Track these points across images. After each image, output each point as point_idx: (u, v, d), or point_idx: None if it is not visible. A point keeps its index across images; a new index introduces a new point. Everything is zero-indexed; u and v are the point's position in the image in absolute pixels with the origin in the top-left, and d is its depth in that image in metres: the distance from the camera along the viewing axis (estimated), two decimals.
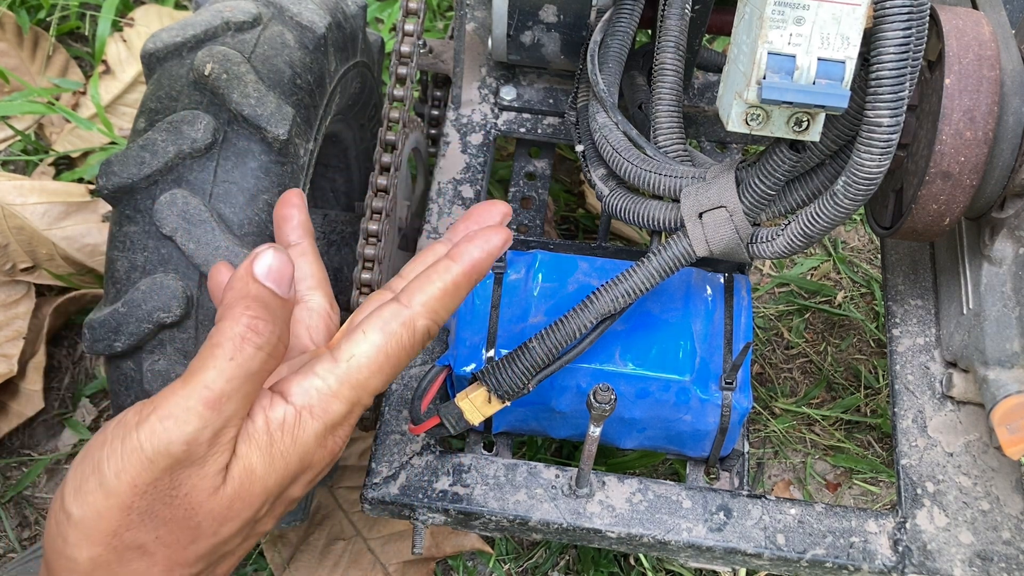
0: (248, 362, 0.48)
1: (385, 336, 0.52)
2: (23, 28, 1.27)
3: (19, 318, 1.05)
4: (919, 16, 0.57)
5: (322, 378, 0.52)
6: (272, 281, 0.50)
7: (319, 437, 0.51)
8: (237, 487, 0.49)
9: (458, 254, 0.54)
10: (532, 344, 0.71)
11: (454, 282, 0.54)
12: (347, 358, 0.52)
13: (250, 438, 0.50)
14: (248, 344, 0.48)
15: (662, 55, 0.75)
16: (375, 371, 0.52)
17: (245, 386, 0.49)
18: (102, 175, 0.67)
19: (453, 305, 0.55)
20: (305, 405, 0.51)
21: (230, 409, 0.48)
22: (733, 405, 0.74)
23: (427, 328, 0.54)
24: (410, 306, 0.53)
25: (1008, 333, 0.72)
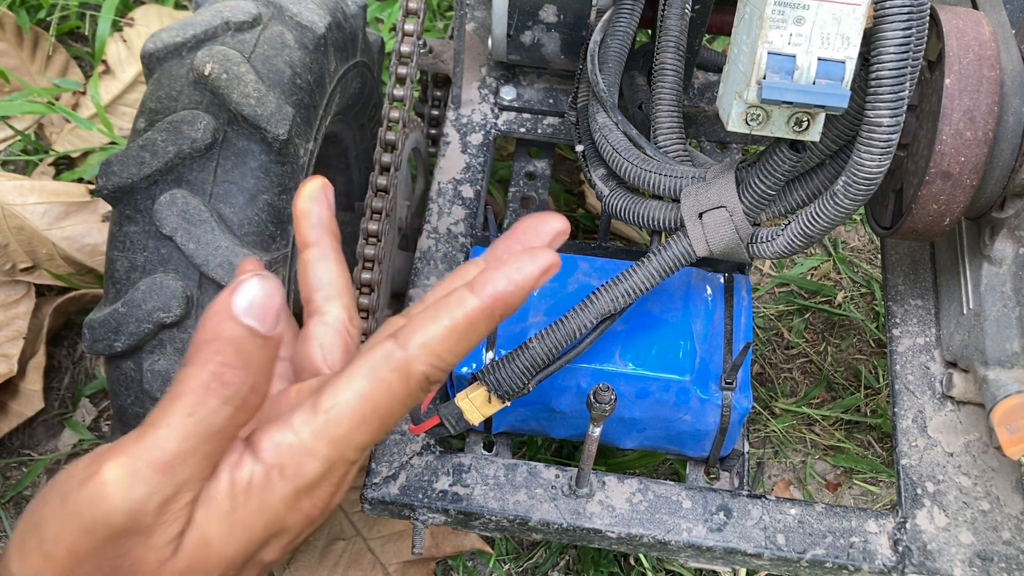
0: (210, 418, 0.41)
1: (372, 383, 0.44)
2: (23, 28, 1.27)
3: (19, 318, 1.05)
4: (919, 16, 0.57)
5: (296, 432, 0.44)
6: (254, 317, 0.41)
7: (288, 501, 0.44)
8: (189, 560, 0.43)
9: (479, 284, 0.44)
10: (532, 344, 0.71)
11: (467, 319, 0.44)
12: (327, 408, 0.44)
13: (209, 502, 0.43)
14: (212, 397, 0.41)
15: (662, 55, 0.75)
16: (358, 424, 0.44)
17: (204, 446, 0.42)
18: (102, 175, 0.67)
19: (463, 348, 0.45)
20: (275, 463, 0.43)
21: (185, 473, 0.41)
22: (733, 405, 0.74)
23: (425, 375, 0.45)
24: (406, 348, 0.44)
25: (1008, 333, 0.72)
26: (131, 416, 0.70)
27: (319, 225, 0.53)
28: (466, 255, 0.86)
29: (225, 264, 0.66)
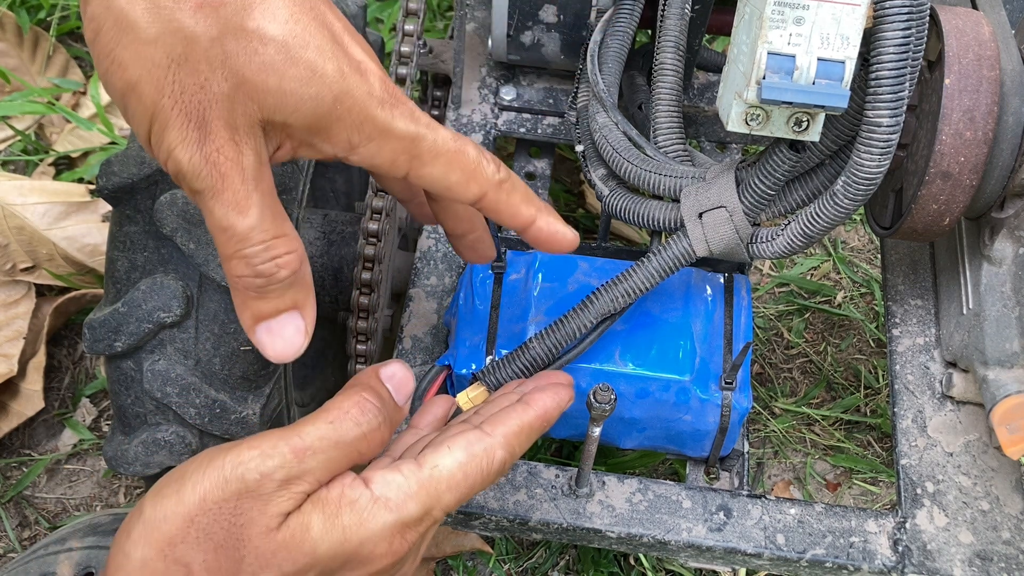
0: (344, 431, 0.51)
1: (468, 456, 0.54)
2: (23, 28, 1.27)
3: (19, 318, 1.05)
4: (919, 16, 0.57)
5: (405, 476, 0.52)
6: (392, 385, 0.55)
7: (387, 529, 0.51)
8: (288, 537, 0.49)
9: (532, 400, 0.58)
10: (532, 344, 0.71)
11: (529, 423, 0.57)
12: (431, 466, 0.53)
13: (320, 501, 0.50)
14: (349, 417, 0.52)
15: (662, 55, 0.75)
16: (452, 486, 0.53)
17: (333, 451, 0.51)
18: (102, 175, 0.67)
19: (527, 444, 0.57)
20: (382, 496, 0.51)
21: (311, 464, 0.50)
22: (733, 405, 0.74)
23: (503, 460, 0.55)
24: (492, 435, 0.55)
25: (1008, 333, 0.72)
26: (131, 416, 0.70)
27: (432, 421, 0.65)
28: None
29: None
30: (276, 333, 0.54)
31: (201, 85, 0.47)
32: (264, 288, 0.52)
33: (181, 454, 0.70)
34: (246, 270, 0.51)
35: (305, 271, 0.53)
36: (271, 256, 0.51)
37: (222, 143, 0.48)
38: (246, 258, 0.50)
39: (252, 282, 0.51)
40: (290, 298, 0.53)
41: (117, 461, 0.71)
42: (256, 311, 0.53)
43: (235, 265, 0.51)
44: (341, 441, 0.51)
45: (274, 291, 0.52)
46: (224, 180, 0.48)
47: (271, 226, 0.50)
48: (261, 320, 0.53)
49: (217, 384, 0.68)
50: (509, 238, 0.87)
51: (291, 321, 0.54)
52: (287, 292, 0.53)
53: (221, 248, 0.51)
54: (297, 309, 0.54)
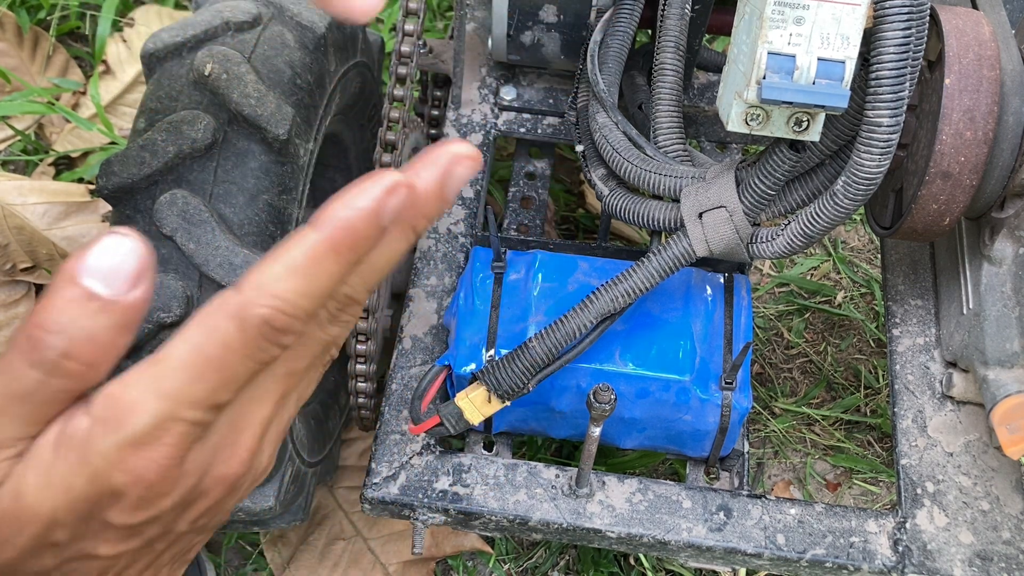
0: (17, 380, 0.40)
1: (204, 331, 0.41)
2: (23, 28, 1.27)
3: (19, 318, 1.05)
4: (919, 16, 0.57)
5: (126, 385, 0.42)
6: (100, 279, 0.39)
7: (111, 456, 0.41)
8: (1, 513, 0.41)
9: (320, 219, 0.40)
10: (532, 344, 0.71)
11: (309, 255, 0.40)
12: (158, 360, 0.42)
13: (30, 458, 0.41)
14: (20, 359, 0.40)
15: (662, 55, 0.75)
16: (192, 377, 0.41)
17: (16, 407, 0.40)
18: (102, 175, 0.67)
19: (314, 287, 0.40)
20: (101, 416, 0.41)
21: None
22: (733, 405, 0.74)
23: (264, 319, 0.40)
24: (242, 291, 0.40)
25: (1008, 333, 0.72)
26: None
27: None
28: (466, 255, 0.86)
29: (225, 264, 0.66)
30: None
31: None
32: None
33: None
34: None
35: None
36: None
37: None
38: None
39: None
40: None
41: None
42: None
43: None
44: (18, 394, 0.40)
45: None
46: None
47: None
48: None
49: None
50: (509, 238, 0.87)
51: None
52: None
53: None
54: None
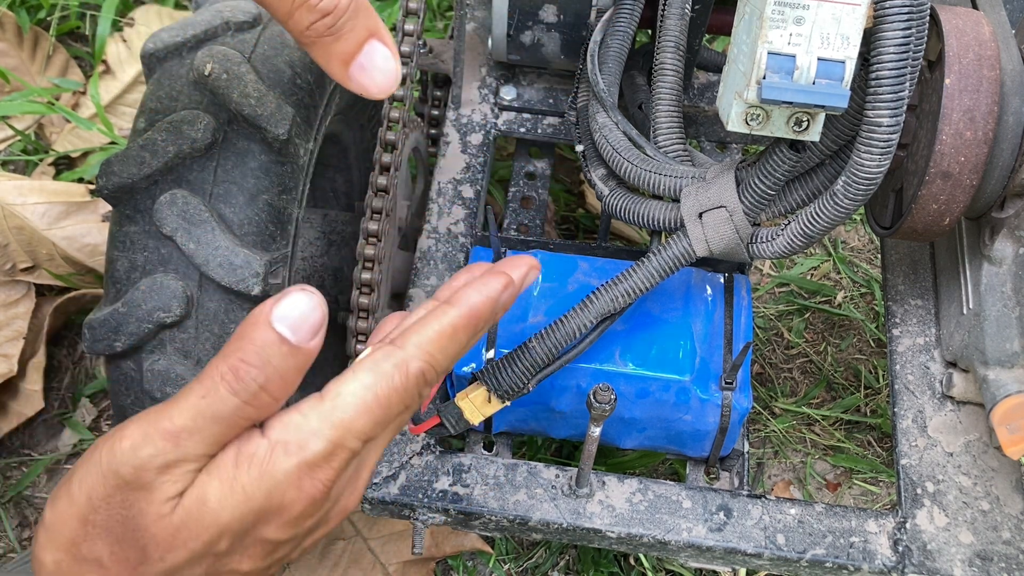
0: (218, 405, 0.47)
1: (375, 376, 0.49)
2: (23, 28, 1.27)
3: (19, 318, 1.05)
4: (919, 16, 0.57)
5: (304, 414, 0.49)
6: (288, 326, 0.47)
7: (291, 475, 0.48)
8: (184, 516, 0.47)
9: (456, 299, 0.52)
10: (532, 344, 0.71)
11: (452, 325, 0.51)
12: (333, 395, 0.49)
13: (213, 467, 0.48)
14: (224, 386, 0.47)
15: (662, 55, 0.75)
16: (362, 412, 0.49)
17: (211, 427, 0.47)
18: (102, 175, 0.67)
19: (453, 351, 0.52)
20: (280, 440, 0.48)
21: (189, 446, 0.47)
22: (733, 405, 0.74)
23: (421, 371, 0.50)
24: (403, 347, 0.50)
25: (1008, 333, 0.72)
26: (131, 416, 0.70)
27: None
28: (466, 255, 0.86)
29: (225, 264, 0.66)
30: (369, 67, 0.54)
31: None
32: (335, 26, 0.52)
33: None
34: (310, 15, 0.51)
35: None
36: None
37: None
38: (305, 3, 0.51)
39: (322, 25, 0.51)
40: (363, 27, 0.53)
41: None
42: (341, 55, 0.53)
43: (299, 17, 0.51)
44: (217, 416, 0.47)
45: (345, 25, 0.52)
46: None
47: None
48: (349, 61, 0.53)
49: None
50: (509, 238, 0.87)
51: (375, 51, 0.54)
52: (358, 21, 0.52)
53: (279, 13, 0.51)
54: (375, 36, 0.53)
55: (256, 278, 0.66)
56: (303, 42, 0.52)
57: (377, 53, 0.54)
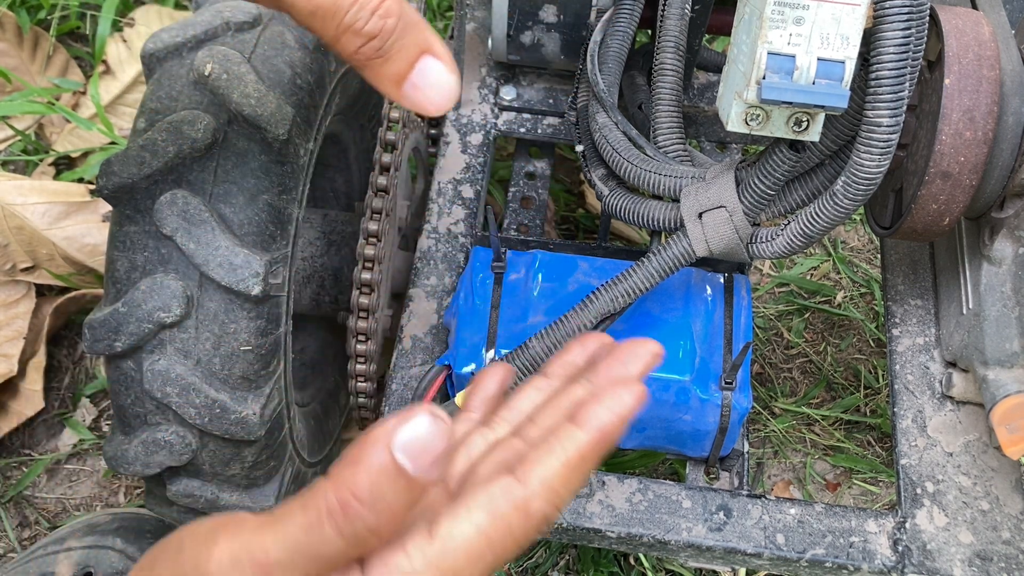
0: (319, 544, 0.41)
1: (492, 518, 0.43)
2: (23, 28, 1.27)
3: (19, 318, 1.05)
4: (919, 16, 0.57)
5: (409, 555, 0.43)
6: (409, 456, 0.41)
7: None
8: None
9: (583, 418, 0.45)
10: (532, 343, 0.71)
11: (580, 455, 0.44)
12: (444, 537, 0.43)
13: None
14: (329, 525, 0.41)
15: (662, 55, 0.75)
16: (473, 559, 0.43)
17: (308, 565, 0.42)
18: (102, 175, 0.67)
19: (577, 485, 0.45)
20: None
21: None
22: (733, 405, 0.74)
23: (543, 514, 0.44)
24: (526, 483, 0.44)
25: (1008, 333, 0.72)
26: (131, 416, 0.70)
27: (488, 401, 0.55)
28: (466, 255, 0.86)
29: (225, 264, 0.66)
30: (423, 85, 0.51)
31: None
32: (384, 48, 0.49)
33: (181, 454, 0.70)
34: (358, 40, 0.48)
35: (410, 11, 0.50)
36: (370, 12, 0.48)
37: None
38: (350, 28, 0.48)
39: (370, 48, 0.49)
40: (414, 44, 0.50)
41: (117, 461, 0.71)
42: (393, 76, 0.50)
43: (347, 42, 0.49)
44: (317, 555, 0.42)
45: (395, 46, 0.49)
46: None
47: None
48: (402, 81, 0.50)
49: (217, 384, 0.68)
50: (509, 238, 0.87)
51: (428, 67, 0.51)
52: (407, 40, 0.50)
53: (326, 35, 0.49)
54: (427, 52, 0.51)
55: (256, 278, 0.66)
56: (354, 64, 0.50)
57: (431, 70, 0.51)
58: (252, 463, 0.72)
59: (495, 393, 0.55)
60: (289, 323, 0.74)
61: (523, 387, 0.53)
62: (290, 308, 0.73)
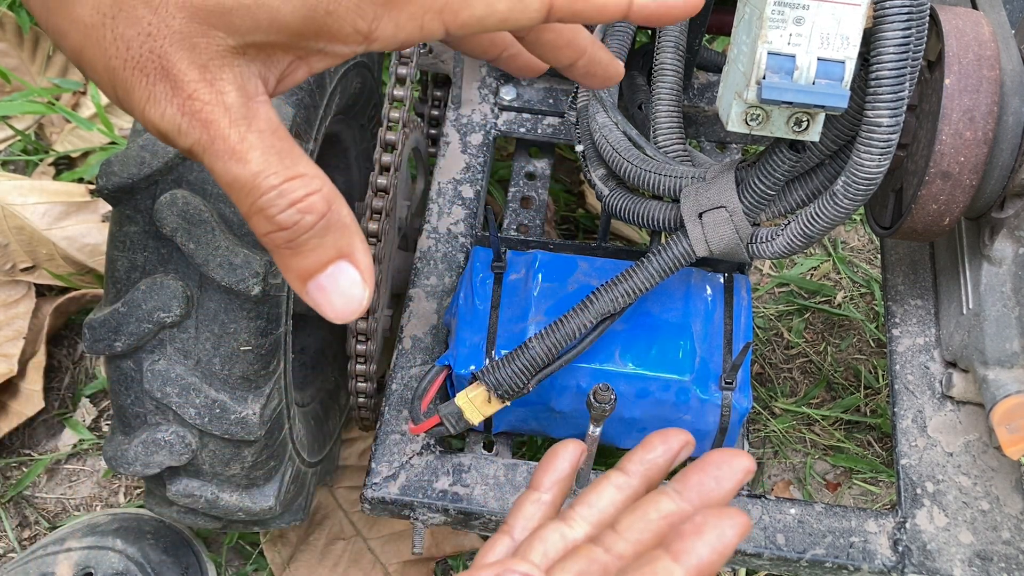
0: None
1: None
2: (23, 28, 1.27)
3: (19, 318, 1.05)
4: (919, 16, 0.57)
5: None
6: None
7: None
8: None
9: (682, 551, 0.42)
10: (532, 344, 0.71)
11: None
12: None
13: None
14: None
15: (662, 55, 0.75)
16: None
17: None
18: (102, 175, 0.67)
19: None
20: None
21: None
22: (733, 405, 0.74)
23: None
24: None
25: (1008, 333, 0.72)
26: (131, 416, 0.70)
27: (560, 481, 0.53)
28: (466, 255, 0.86)
29: (225, 264, 0.66)
30: (329, 290, 0.46)
31: (147, 33, 0.41)
32: (294, 241, 0.44)
33: (181, 454, 0.70)
34: (267, 225, 0.43)
35: (339, 212, 0.44)
36: (288, 203, 0.43)
37: (194, 89, 0.41)
38: (263, 211, 0.43)
39: (279, 237, 0.44)
40: (331, 247, 0.45)
41: (117, 461, 0.71)
42: (299, 270, 0.45)
43: (256, 223, 0.44)
44: None
45: (308, 242, 0.44)
46: (209, 129, 0.42)
47: (279, 168, 0.42)
48: (308, 278, 0.45)
49: (217, 384, 0.68)
50: (509, 238, 0.87)
51: (341, 273, 0.45)
52: (324, 240, 0.44)
53: (239, 207, 0.44)
54: (344, 258, 0.45)
55: (256, 278, 0.66)
56: (263, 244, 0.45)
57: (343, 277, 0.46)
58: (252, 463, 0.72)
59: (568, 474, 0.52)
60: (289, 323, 0.74)
61: (600, 482, 0.50)
62: (290, 308, 0.73)
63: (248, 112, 0.43)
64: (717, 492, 0.47)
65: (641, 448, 0.51)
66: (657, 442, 0.50)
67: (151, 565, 0.85)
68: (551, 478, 0.52)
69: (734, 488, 0.47)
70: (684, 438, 0.51)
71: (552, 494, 0.52)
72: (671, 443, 0.50)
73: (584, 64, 0.55)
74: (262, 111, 0.43)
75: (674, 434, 0.51)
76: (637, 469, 0.50)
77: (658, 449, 0.50)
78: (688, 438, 0.51)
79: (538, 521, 0.51)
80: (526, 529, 0.50)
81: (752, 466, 0.48)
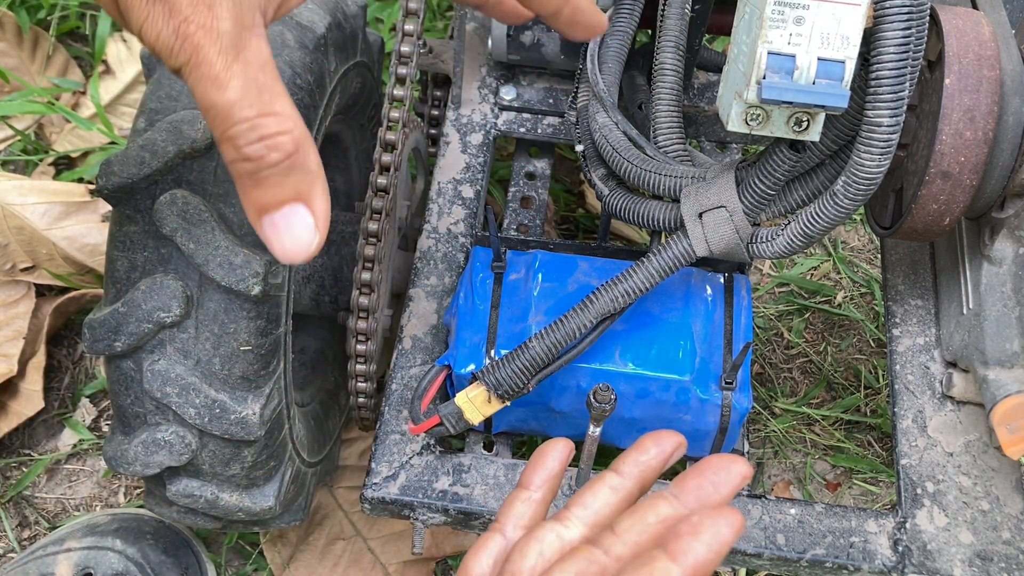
0: None
1: None
2: (23, 28, 1.27)
3: (19, 318, 1.05)
4: (919, 16, 0.57)
5: None
6: None
7: None
8: None
9: (679, 551, 0.42)
10: (532, 344, 0.71)
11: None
12: None
13: None
14: None
15: (662, 55, 0.75)
16: None
17: None
18: (102, 175, 0.67)
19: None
20: None
21: None
22: (733, 405, 0.74)
23: None
24: None
25: (1008, 333, 0.72)
26: (131, 416, 0.70)
27: (551, 479, 0.53)
28: (466, 255, 0.86)
29: (225, 264, 0.66)
30: (282, 228, 0.47)
31: None
32: (257, 174, 0.45)
33: (181, 454, 0.70)
34: (234, 153, 0.45)
35: (305, 156, 0.46)
36: (258, 136, 0.44)
37: (190, 13, 0.42)
38: (232, 139, 0.44)
39: (243, 167, 0.45)
40: (291, 187, 0.46)
41: (117, 461, 0.71)
42: (256, 201, 0.46)
43: (225, 149, 0.45)
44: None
45: (269, 177, 0.45)
46: (198, 52, 0.43)
47: (256, 102, 0.44)
48: (264, 213, 0.46)
49: (217, 384, 0.68)
50: (509, 238, 0.87)
51: (295, 214, 0.46)
52: (286, 180, 0.46)
53: (212, 131, 0.45)
54: (301, 200, 0.46)
55: (256, 278, 0.66)
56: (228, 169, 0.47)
57: (297, 218, 0.47)
58: (252, 463, 0.72)
59: (557, 472, 0.53)
60: (289, 323, 0.74)
61: (595, 483, 0.50)
62: (290, 308, 0.73)
63: (239, 42, 0.44)
64: (715, 497, 0.47)
65: (635, 450, 0.51)
66: (650, 444, 0.51)
67: (151, 565, 0.85)
68: (541, 476, 0.52)
69: (731, 493, 0.47)
70: (676, 440, 0.51)
71: (542, 492, 0.52)
72: (664, 445, 0.51)
73: (569, 13, 0.56)
74: (254, 43, 0.44)
75: (667, 436, 0.51)
76: (631, 471, 0.51)
77: (651, 451, 0.51)
78: (680, 440, 0.51)
79: (528, 519, 0.51)
80: (517, 527, 0.51)
81: (749, 472, 0.48)
